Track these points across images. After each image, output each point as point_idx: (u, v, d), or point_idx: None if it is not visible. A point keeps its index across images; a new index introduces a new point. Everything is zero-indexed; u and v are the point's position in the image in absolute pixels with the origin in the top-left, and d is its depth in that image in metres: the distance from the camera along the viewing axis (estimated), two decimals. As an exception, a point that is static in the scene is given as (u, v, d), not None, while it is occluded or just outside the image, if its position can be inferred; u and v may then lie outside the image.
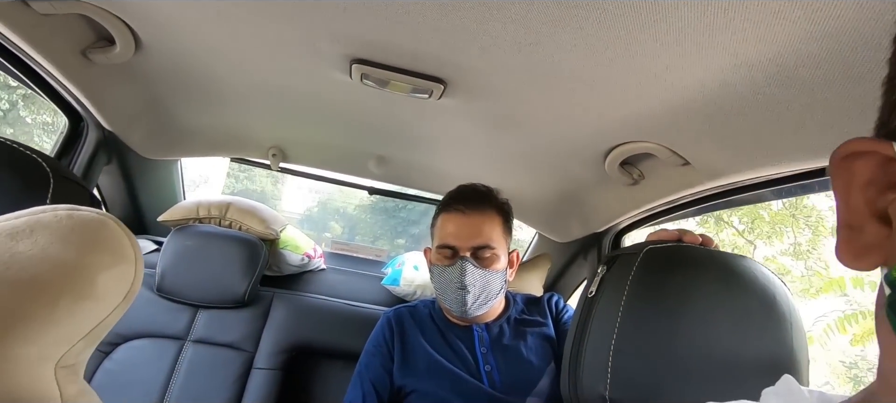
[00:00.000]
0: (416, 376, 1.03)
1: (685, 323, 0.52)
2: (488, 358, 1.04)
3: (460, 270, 1.01)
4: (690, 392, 0.51)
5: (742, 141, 0.76)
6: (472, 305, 1.02)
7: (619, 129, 0.92)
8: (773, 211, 6.35)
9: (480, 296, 1.03)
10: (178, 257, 1.32)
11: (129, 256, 0.40)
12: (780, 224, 6.59)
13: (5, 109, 7.14)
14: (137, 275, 0.41)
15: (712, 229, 6.81)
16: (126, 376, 1.22)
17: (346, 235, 12.96)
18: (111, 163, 1.30)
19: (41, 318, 0.34)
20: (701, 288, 0.53)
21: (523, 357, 1.03)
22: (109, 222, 0.39)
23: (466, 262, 1.01)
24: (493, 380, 1.01)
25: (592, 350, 0.56)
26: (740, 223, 6.80)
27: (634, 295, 0.54)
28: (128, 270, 0.40)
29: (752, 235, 6.93)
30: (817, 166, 0.72)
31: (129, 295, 0.40)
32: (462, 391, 0.99)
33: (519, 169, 1.25)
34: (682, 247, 0.57)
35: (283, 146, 1.42)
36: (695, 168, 0.90)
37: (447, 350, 1.06)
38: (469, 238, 1.03)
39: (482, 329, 1.08)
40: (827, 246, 6.56)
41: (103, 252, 0.38)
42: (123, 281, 0.40)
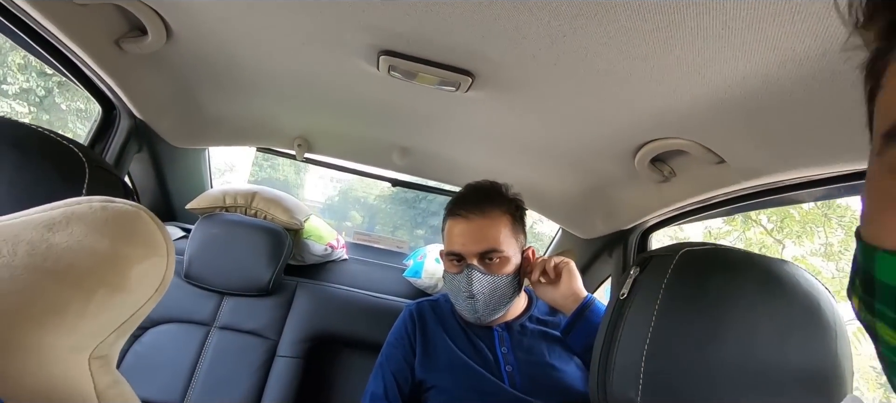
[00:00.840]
0: (437, 371, 1.02)
1: (723, 329, 0.50)
2: (509, 358, 1.02)
3: (467, 279, 0.99)
4: (726, 401, 0.49)
5: (783, 139, 0.73)
6: (483, 312, 1.01)
7: (652, 125, 0.89)
8: (804, 210, 6.15)
9: (490, 303, 1.01)
10: (205, 244, 1.34)
11: (162, 249, 0.40)
12: (812, 223, 6.38)
13: (41, 96, 7.40)
14: (169, 268, 0.41)
15: (740, 227, 6.64)
16: (155, 359, 1.25)
17: (367, 224, 13.09)
18: (142, 151, 1.33)
19: (76, 310, 0.34)
20: (740, 293, 0.51)
21: (546, 360, 1.01)
22: (143, 214, 0.40)
23: (473, 270, 0.99)
24: (514, 381, 0.99)
25: (624, 354, 0.55)
26: (769, 221, 6.61)
27: (669, 299, 0.52)
28: (160, 263, 0.40)
29: (780, 234, 6.74)
30: (862, 168, 0.69)
31: (162, 288, 0.40)
32: (483, 389, 0.97)
33: (544, 163, 1.23)
34: (721, 249, 0.55)
35: (309, 136, 1.42)
36: (730, 166, 0.86)
37: (468, 347, 1.05)
38: (474, 243, 1.00)
39: (503, 328, 1.06)
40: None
41: (137, 244, 0.38)
42: (156, 274, 0.40)
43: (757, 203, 0.97)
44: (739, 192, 0.93)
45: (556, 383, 0.98)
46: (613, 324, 0.58)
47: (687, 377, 0.50)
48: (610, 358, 0.56)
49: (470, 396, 0.97)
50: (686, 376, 0.50)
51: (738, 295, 0.51)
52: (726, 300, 0.51)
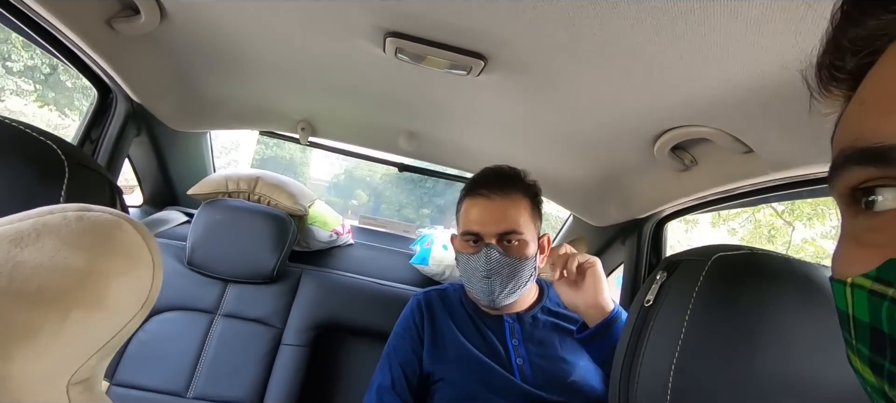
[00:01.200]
0: (446, 363, 0.99)
1: (759, 341, 0.45)
2: (520, 351, 0.99)
3: (485, 258, 0.95)
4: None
5: (821, 130, 0.67)
6: (499, 294, 0.97)
7: (676, 112, 0.84)
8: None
9: (508, 285, 0.97)
10: (207, 231, 1.31)
11: (146, 260, 0.36)
12: (824, 205, 6.29)
13: (46, 74, 7.36)
14: (156, 281, 0.37)
15: (750, 209, 6.56)
16: (159, 348, 1.23)
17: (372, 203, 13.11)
18: (141, 135, 1.29)
19: (49, 333, 0.30)
20: (778, 303, 0.47)
21: (557, 353, 0.98)
22: (124, 223, 0.36)
23: (492, 249, 0.95)
24: (525, 374, 0.96)
25: (649, 365, 0.51)
26: (780, 203, 6.52)
27: (701, 309, 0.48)
28: (144, 276, 0.36)
29: (791, 216, 6.66)
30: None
31: (147, 304, 0.37)
32: (493, 383, 0.95)
33: (558, 149, 1.18)
34: (757, 255, 0.50)
35: (312, 120, 1.38)
36: (759, 156, 0.81)
37: (477, 338, 1.01)
38: (494, 223, 0.97)
39: (513, 319, 1.03)
40: (872, 230, 6.24)
41: (117, 257, 0.34)
42: (140, 289, 0.36)
43: (783, 194, 0.91)
44: (765, 184, 0.88)
45: (568, 377, 0.95)
46: (637, 333, 0.54)
47: (718, 393, 0.46)
48: (634, 369, 0.53)
49: (479, 390, 0.95)
50: (717, 392, 0.46)
51: (777, 305, 0.47)
52: (763, 310, 0.47)
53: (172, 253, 1.33)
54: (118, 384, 1.19)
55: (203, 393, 1.22)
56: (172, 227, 1.49)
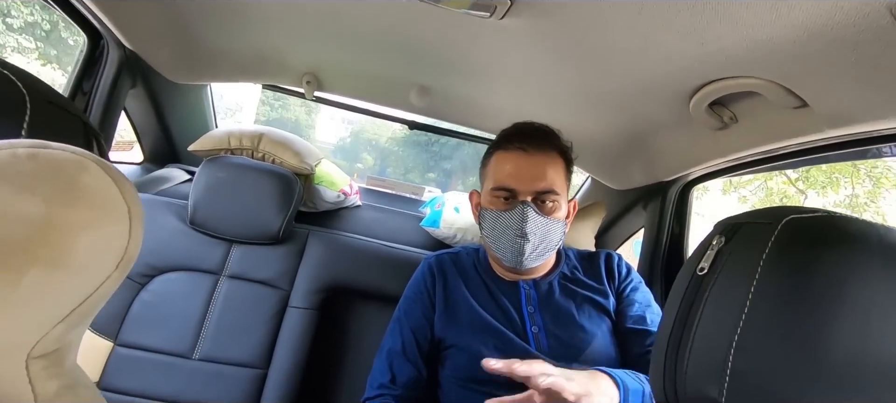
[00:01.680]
0: (458, 329, 0.95)
1: (840, 318, 0.39)
2: (535, 318, 0.94)
3: (521, 216, 0.89)
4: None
5: (894, 79, 0.59)
6: (530, 255, 0.91)
7: (720, 62, 0.75)
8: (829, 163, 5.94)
9: (539, 247, 0.92)
10: (210, 189, 1.25)
11: (120, 210, 0.30)
12: (839, 173, 6.16)
13: (47, 30, 7.22)
14: (134, 235, 0.31)
15: (763, 175, 6.43)
16: (163, 308, 1.20)
17: (378, 167, 13.06)
18: (137, 87, 1.22)
19: (1, 298, 0.24)
20: (863, 274, 0.40)
21: (575, 322, 0.93)
22: (90, 164, 0.29)
23: (528, 207, 0.89)
24: (541, 343, 0.92)
25: (704, 342, 0.45)
26: (794, 171, 6.39)
27: (769, 279, 0.41)
28: (119, 229, 0.30)
29: (805, 184, 6.55)
30: None
31: (126, 262, 0.31)
32: (507, 352, 0.90)
33: (581, 105, 1.10)
34: (836, 218, 0.43)
35: (319, 73, 1.29)
36: (813, 111, 0.73)
37: (491, 305, 0.97)
38: (532, 181, 0.91)
39: (530, 285, 0.98)
40: (887, 199, 6.15)
41: (83, 205, 0.28)
42: (114, 244, 0.30)
43: (833, 155, 0.84)
44: (816, 143, 0.80)
45: (586, 347, 0.91)
46: (689, 304, 0.47)
47: (789, 375, 0.40)
48: (683, 346, 0.46)
49: (492, 355, 0.90)
50: (788, 374, 0.40)
51: (859, 276, 0.40)
52: (845, 282, 0.40)
53: (174, 211, 1.27)
54: (123, 344, 1.16)
55: (209, 355, 1.19)
56: (174, 185, 1.43)
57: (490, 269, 1.02)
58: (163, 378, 1.16)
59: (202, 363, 1.18)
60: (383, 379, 0.96)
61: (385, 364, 0.98)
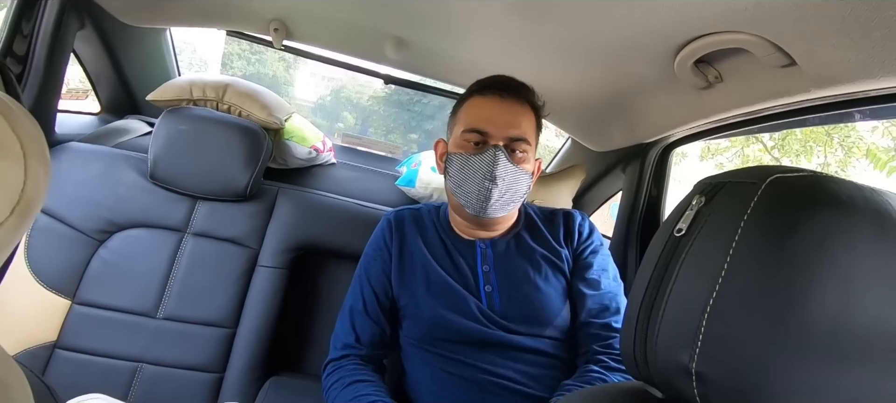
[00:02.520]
0: (414, 287, 0.95)
1: (820, 281, 0.37)
2: (490, 278, 0.94)
3: (492, 158, 0.87)
4: (817, 372, 0.37)
5: (889, 36, 0.56)
6: (496, 202, 0.89)
7: (707, 16, 0.72)
8: (808, 128, 6.03)
9: (506, 194, 0.90)
10: (171, 142, 1.18)
11: (12, 149, 0.25)
12: (814, 141, 6.28)
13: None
14: (32, 177, 0.26)
15: (740, 143, 6.52)
16: (124, 266, 1.15)
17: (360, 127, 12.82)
18: (86, 29, 1.12)
19: None
20: (847, 237, 0.37)
21: (529, 280, 0.93)
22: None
23: (499, 151, 0.87)
24: (493, 302, 0.92)
25: (677, 306, 0.42)
26: (770, 139, 6.49)
27: (749, 240, 0.39)
28: (12, 172, 0.25)
29: (781, 152, 6.66)
30: None
31: (23, 208, 0.26)
32: (459, 308, 0.90)
33: (564, 62, 1.05)
34: (822, 178, 0.41)
35: (287, 20, 1.21)
36: (802, 70, 0.70)
37: (447, 262, 0.96)
38: (505, 126, 0.89)
39: (487, 244, 0.97)
40: (857, 168, 6.31)
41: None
42: (7, 187, 0.25)
43: (818, 117, 0.82)
44: (801, 104, 0.78)
45: (538, 307, 0.91)
46: (664, 267, 0.45)
47: (765, 341, 0.38)
48: (656, 311, 0.44)
49: (445, 314, 0.91)
50: (764, 340, 0.38)
51: (844, 239, 0.38)
52: (828, 244, 0.37)
53: (133, 165, 1.20)
54: (81, 303, 1.11)
55: (174, 314, 1.15)
56: (133, 138, 1.35)
57: (449, 227, 1.00)
58: (125, 338, 1.12)
59: (166, 321, 1.15)
60: (347, 339, 0.96)
61: (348, 323, 0.97)
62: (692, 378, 0.40)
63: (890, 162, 4.27)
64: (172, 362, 1.14)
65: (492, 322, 0.90)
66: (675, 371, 0.42)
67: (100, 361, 1.10)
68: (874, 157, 4.37)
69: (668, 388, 0.44)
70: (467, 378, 0.89)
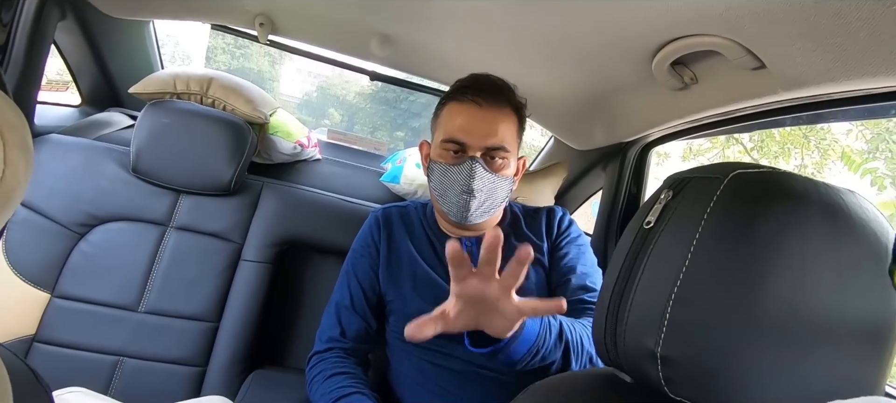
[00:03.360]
0: (400, 282, 0.96)
1: (776, 270, 0.39)
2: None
3: (469, 171, 0.88)
4: (771, 356, 0.40)
5: (855, 41, 0.59)
6: (475, 212, 0.91)
7: (682, 19, 0.74)
8: (786, 131, 6.17)
9: (485, 203, 0.91)
10: (154, 135, 1.17)
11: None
12: (791, 144, 6.43)
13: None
14: (13, 165, 0.27)
15: (721, 145, 6.66)
16: (105, 259, 1.14)
17: (346, 124, 12.74)
18: (67, 19, 1.11)
19: None
20: (801, 229, 0.40)
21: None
22: None
23: (476, 163, 0.87)
24: None
25: (645, 294, 0.45)
26: (749, 140, 6.63)
27: (711, 232, 0.41)
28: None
29: (759, 154, 6.81)
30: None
31: (4, 197, 0.27)
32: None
33: (546, 62, 1.07)
34: (779, 174, 0.43)
35: (273, 14, 1.21)
36: (770, 73, 0.73)
37: (434, 260, 0.98)
38: (483, 136, 0.89)
39: (472, 243, 0.98)
40: (832, 170, 6.48)
41: None
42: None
43: (786, 119, 0.85)
44: (773, 105, 0.81)
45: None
46: (633, 257, 0.47)
47: (724, 326, 0.40)
48: (625, 299, 0.46)
49: (430, 310, 0.92)
50: (723, 325, 0.41)
51: (798, 230, 0.40)
52: (783, 235, 0.40)
53: (115, 158, 1.19)
54: (60, 296, 1.10)
55: (156, 308, 1.15)
56: (115, 131, 1.34)
57: (435, 225, 1.02)
58: (106, 331, 1.12)
59: (148, 315, 1.14)
60: (333, 333, 0.96)
61: (334, 317, 0.98)
62: (657, 362, 0.42)
63: (863, 164, 4.40)
64: (154, 356, 1.14)
65: None
66: (642, 355, 0.44)
67: (80, 355, 1.10)
68: (848, 160, 4.50)
69: (636, 372, 0.46)
70: (452, 369, 0.91)
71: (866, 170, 4.23)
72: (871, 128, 5.26)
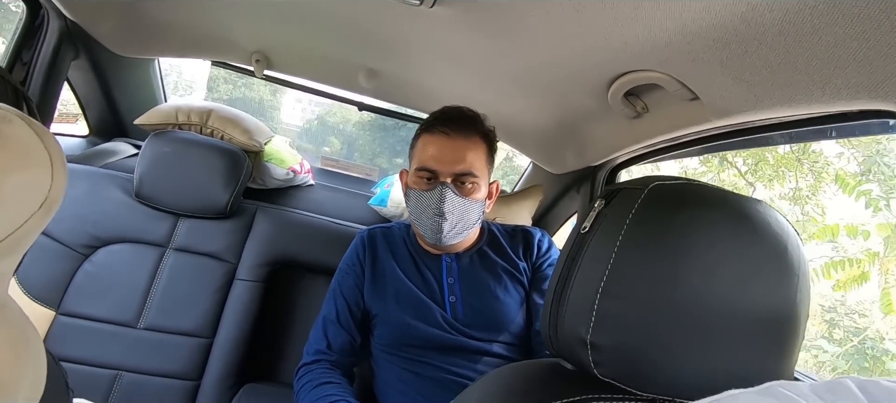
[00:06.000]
0: (384, 299, 1.02)
1: (687, 267, 0.47)
2: (454, 289, 1.02)
3: (439, 196, 0.96)
4: (682, 342, 0.46)
5: (760, 77, 0.68)
6: (448, 233, 0.99)
7: (628, 56, 0.83)
8: (779, 154, 6.23)
9: (457, 225, 0.99)
10: (156, 163, 1.27)
11: (42, 158, 0.34)
12: (785, 167, 6.51)
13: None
14: (57, 181, 0.35)
15: (715, 168, 6.74)
16: (107, 279, 1.21)
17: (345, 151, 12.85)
18: (80, 58, 1.21)
19: None
20: (709, 231, 0.48)
21: (490, 292, 1.02)
22: (13, 117, 0.34)
23: (446, 188, 0.96)
24: (456, 312, 1.00)
25: (579, 289, 0.52)
26: (744, 164, 6.71)
27: (633, 234, 0.49)
28: (42, 174, 0.35)
29: (754, 177, 6.88)
30: (838, 110, 0.65)
31: (49, 205, 0.35)
32: (426, 318, 0.99)
33: (516, 92, 1.17)
34: (693, 185, 0.51)
35: (268, 52, 1.31)
36: (704, 103, 0.82)
37: (416, 276, 1.04)
38: (451, 163, 0.97)
39: (452, 259, 1.06)
40: (827, 193, 6.53)
41: (9, 152, 0.33)
42: (38, 188, 0.35)
43: (728, 143, 0.94)
44: (712, 131, 0.90)
45: (497, 315, 1.00)
46: (571, 259, 0.55)
47: (643, 315, 0.48)
48: (564, 294, 0.54)
49: (412, 323, 0.99)
50: (642, 314, 0.48)
51: (707, 232, 0.48)
52: (693, 237, 0.48)
53: (119, 184, 1.28)
54: (65, 313, 1.18)
55: (154, 324, 1.22)
56: (120, 159, 1.43)
57: (417, 244, 1.09)
58: (106, 346, 1.18)
59: (147, 332, 1.21)
60: (319, 345, 1.03)
61: (321, 331, 1.04)
62: (588, 348, 0.50)
63: (857, 186, 4.46)
64: (151, 370, 1.20)
65: (454, 329, 0.98)
66: (575, 342, 0.51)
67: (81, 369, 1.16)
68: (842, 182, 4.55)
69: (572, 358, 0.53)
70: (431, 377, 0.97)
71: (860, 193, 4.27)
72: (862, 150, 5.34)
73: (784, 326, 0.48)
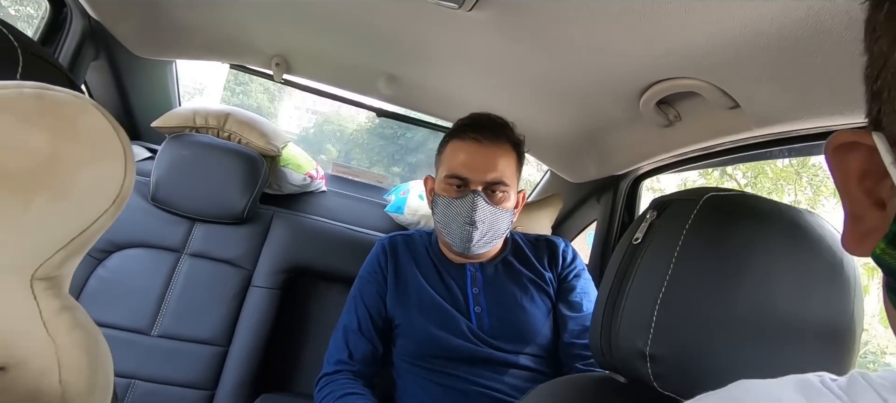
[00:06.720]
0: (407, 307, 1.00)
1: (745, 278, 0.46)
2: (479, 299, 1.00)
3: (471, 204, 0.94)
4: (744, 353, 0.46)
5: (811, 84, 0.67)
6: (478, 242, 0.97)
7: (666, 63, 0.82)
8: (778, 167, 6.29)
9: (487, 234, 0.97)
10: (173, 167, 1.24)
11: (117, 151, 0.33)
12: (784, 180, 6.57)
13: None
14: (129, 176, 0.34)
15: (716, 181, 6.79)
16: (121, 285, 1.18)
17: (342, 159, 12.88)
18: (99, 59, 1.19)
19: (11, 220, 0.27)
20: (766, 243, 0.47)
21: (516, 303, 1.00)
22: (91, 108, 0.32)
23: (478, 197, 0.94)
24: (482, 322, 0.98)
25: (635, 300, 0.51)
26: (743, 177, 6.77)
27: (690, 245, 0.48)
28: (115, 168, 0.33)
29: (753, 189, 6.93)
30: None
31: (119, 201, 0.33)
32: (450, 328, 0.96)
33: (543, 100, 1.16)
34: (747, 196, 0.51)
35: (288, 56, 1.30)
36: (744, 112, 0.81)
37: (440, 285, 1.02)
38: (483, 171, 0.96)
39: (476, 268, 1.04)
40: (826, 206, 6.59)
41: (84, 143, 0.31)
42: (111, 182, 0.33)
43: (761, 153, 0.93)
44: (747, 140, 0.89)
45: (523, 326, 0.98)
46: (624, 270, 0.54)
47: (703, 326, 0.47)
48: (618, 306, 0.53)
49: (437, 333, 0.97)
50: (702, 325, 0.47)
51: (764, 244, 0.48)
52: (751, 249, 0.47)
53: (134, 188, 1.25)
54: (77, 320, 1.14)
55: (168, 332, 1.19)
56: (135, 162, 1.41)
57: (440, 252, 1.07)
58: (119, 354, 1.14)
59: (161, 339, 1.18)
60: (340, 355, 1.00)
61: (341, 341, 1.01)
62: (647, 360, 0.49)
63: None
64: (165, 379, 1.16)
65: (480, 340, 0.96)
66: (633, 355, 0.50)
67: (94, 377, 1.13)
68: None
69: (629, 371, 0.52)
70: (458, 389, 0.95)
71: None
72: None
73: (843, 338, 0.47)
